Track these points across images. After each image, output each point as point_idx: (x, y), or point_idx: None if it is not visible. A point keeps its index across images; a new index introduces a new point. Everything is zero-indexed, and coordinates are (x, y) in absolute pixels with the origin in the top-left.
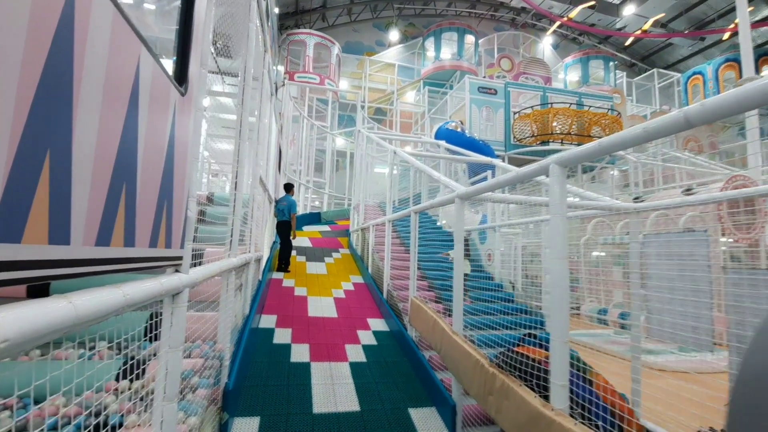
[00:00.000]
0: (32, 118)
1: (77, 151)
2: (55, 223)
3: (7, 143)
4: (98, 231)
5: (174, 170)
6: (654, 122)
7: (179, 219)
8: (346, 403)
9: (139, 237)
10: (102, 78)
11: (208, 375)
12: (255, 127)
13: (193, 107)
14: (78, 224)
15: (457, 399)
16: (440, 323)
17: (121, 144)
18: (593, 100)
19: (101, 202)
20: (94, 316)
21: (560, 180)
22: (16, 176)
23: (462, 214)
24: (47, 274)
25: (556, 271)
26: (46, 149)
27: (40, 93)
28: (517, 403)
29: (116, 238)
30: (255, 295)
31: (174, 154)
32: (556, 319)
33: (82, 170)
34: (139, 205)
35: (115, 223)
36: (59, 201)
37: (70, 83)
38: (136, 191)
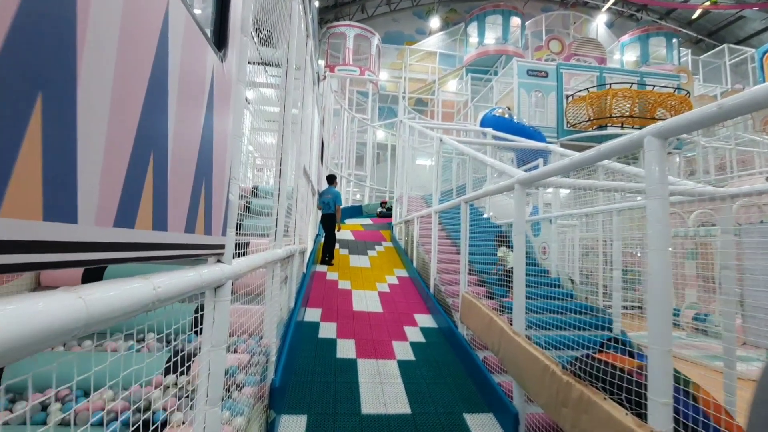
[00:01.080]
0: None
1: (84, 112)
2: (55, 196)
3: None
4: (117, 209)
5: (213, 148)
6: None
7: (220, 203)
8: (395, 404)
9: (172, 220)
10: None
11: (254, 372)
12: (298, 117)
13: (234, 78)
14: (87, 198)
15: (520, 406)
16: (497, 322)
17: (146, 109)
18: (657, 79)
19: (120, 174)
20: (110, 316)
21: (659, 155)
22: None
23: (523, 202)
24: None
25: (655, 265)
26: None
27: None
28: (602, 420)
29: (142, 220)
30: (299, 288)
31: (213, 129)
32: (656, 323)
33: (92, 134)
34: (171, 182)
35: (141, 201)
36: (57, 169)
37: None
38: (166, 164)
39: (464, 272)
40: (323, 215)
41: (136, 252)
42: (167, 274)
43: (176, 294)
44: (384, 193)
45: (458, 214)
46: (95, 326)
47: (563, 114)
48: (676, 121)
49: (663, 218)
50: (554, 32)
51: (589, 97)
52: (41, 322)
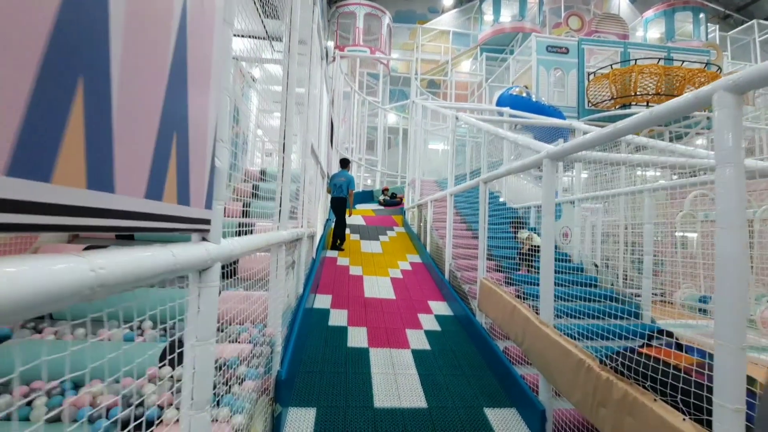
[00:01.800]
0: None
1: None
2: None
3: None
4: (13, 150)
5: (189, 100)
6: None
7: (201, 168)
8: (410, 397)
9: (122, 178)
10: None
11: (257, 363)
12: (305, 93)
13: (219, 15)
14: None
15: (547, 402)
16: (521, 310)
17: (54, 30)
18: (686, 54)
19: (21, 98)
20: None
21: (733, 114)
22: None
23: (553, 179)
24: None
25: (727, 247)
26: None
27: None
28: (652, 425)
29: (65, 173)
30: (309, 274)
31: (187, 79)
32: (727, 315)
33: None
34: (117, 126)
35: (62, 146)
36: None
37: None
38: (110, 103)
39: (483, 257)
40: (333, 198)
41: (55, 218)
42: (116, 251)
43: (130, 279)
44: (396, 178)
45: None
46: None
47: (584, 92)
48: (758, 71)
49: (738, 190)
50: (573, 8)
51: (612, 74)
52: None
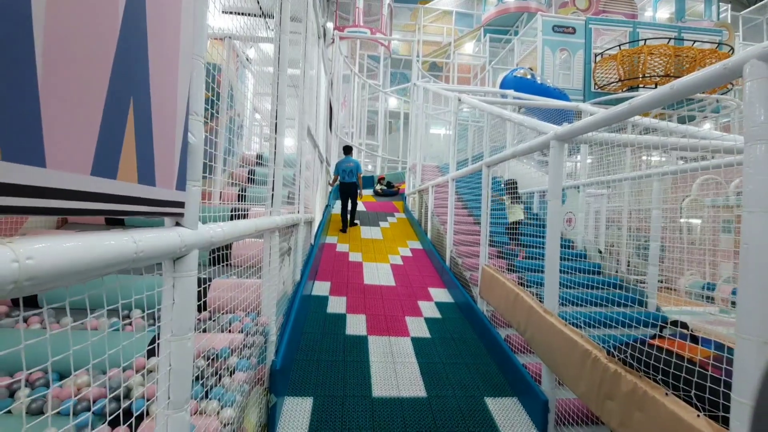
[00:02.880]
0: None
1: None
2: None
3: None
4: None
5: (149, 61)
6: None
7: (169, 143)
8: (409, 386)
9: (55, 150)
10: None
11: (249, 354)
12: (300, 73)
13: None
14: None
15: (550, 393)
16: (524, 298)
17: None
18: (697, 34)
19: None
20: None
21: (765, 85)
22: None
23: (561, 161)
24: None
25: (754, 232)
26: None
27: None
28: (663, 420)
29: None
30: (307, 260)
31: (146, 33)
32: (752, 308)
33: None
34: (45, 79)
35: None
36: None
37: None
38: (32, 46)
39: (485, 243)
40: (343, 184)
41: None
42: (55, 238)
43: (70, 271)
44: (397, 163)
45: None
46: None
47: (591, 75)
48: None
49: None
50: None
51: (620, 55)
52: None
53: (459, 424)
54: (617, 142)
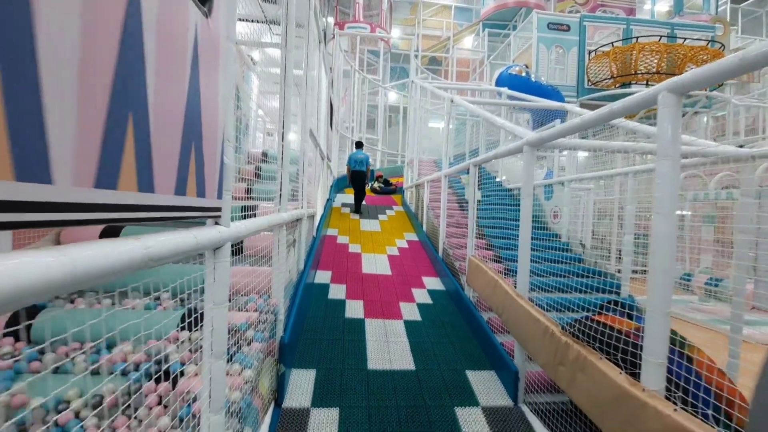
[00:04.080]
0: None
1: (46, 65)
2: (25, 155)
3: None
4: (96, 171)
5: (201, 109)
6: None
7: (213, 166)
8: (400, 360)
9: (159, 182)
10: None
11: (263, 328)
12: (302, 77)
13: (222, 35)
14: (62, 159)
15: (520, 365)
16: (502, 284)
17: (120, 66)
18: (690, 31)
19: (97, 135)
20: (97, 274)
21: (673, 113)
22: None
23: (532, 165)
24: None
25: (661, 230)
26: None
27: None
28: (596, 378)
29: (125, 181)
30: (309, 251)
31: (200, 90)
32: (657, 286)
33: (62, 90)
34: (154, 143)
35: (122, 163)
36: (24, 129)
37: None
38: (147, 125)
39: (471, 236)
40: (354, 172)
41: (120, 213)
42: (160, 234)
43: (169, 254)
44: (396, 157)
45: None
46: (81, 284)
47: (584, 71)
48: (693, 75)
49: (673, 180)
50: None
51: (612, 52)
52: (28, 277)
53: (442, 391)
54: (582, 147)
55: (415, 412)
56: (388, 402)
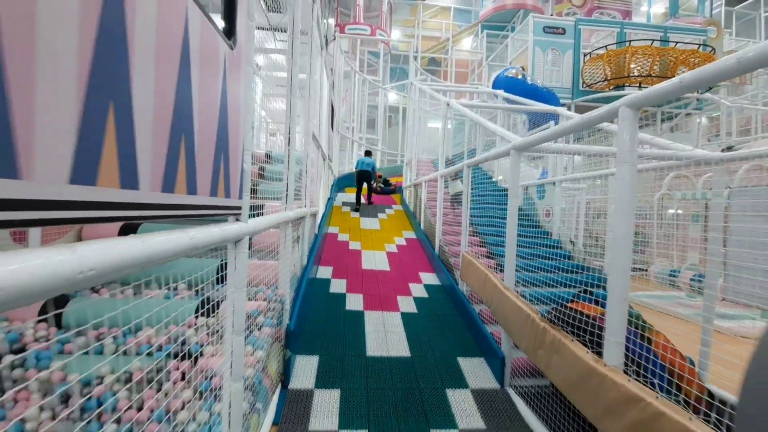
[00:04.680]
0: (94, 77)
1: (137, 105)
2: (125, 169)
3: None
4: (163, 178)
5: (228, 124)
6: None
7: (236, 171)
8: (397, 348)
9: (200, 186)
10: (153, 33)
11: (271, 316)
12: (306, 83)
13: (243, 61)
14: (144, 171)
15: (507, 351)
16: (491, 278)
17: (177, 97)
18: (682, 34)
19: (163, 151)
20: (164, 255)
21: (631, 125)
22: (86, 130)
23: (518, 168)
24: (119, 215)
25: (620, 227)
26: (108, 102)
27: (99, 50)
28: (568, 358)
29: (179, 186)
30: (312, 248)
31: (227, 108)
32: (616, 276)
33: (144, 122)
34: (198, 156)
35: (177, 172)
36: (126, 150)
37: (124, 39)
38: (194, 142)
39: (465, 233)
40: (360, 171)
41: (177, 211)
42: (200, 227)
43: (206, 243)
44: (396, 156)
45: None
46: (153, 262)
47: (579, 73)
48: (646, 93)
49: (631, 183)
50: None
51: (606, 55)
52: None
53: (434, 376)
54: (562, 151)
55: (409, 394)
56: (385, 385)
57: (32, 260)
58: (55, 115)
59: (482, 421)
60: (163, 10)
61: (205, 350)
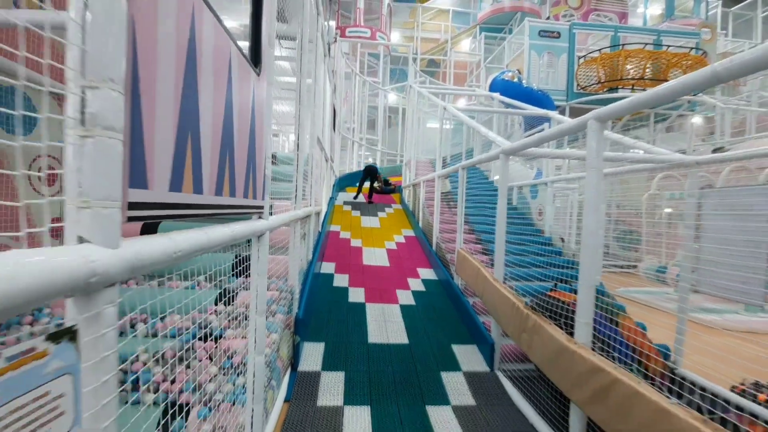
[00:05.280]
0: (181, 118)
1: (203, 134)
2: (196, 180)
3: (172, 134)
4: (215, 185)
5: (255, 137)
6: (688, 77)
7: (260, 176)
8: (396, 337)
9: (237, 190)
10: (211, 75)
11: (283, 304)
12: (311, 90)
13: (266, 83)
14: (206, 181)
15: (496, 338)
16: (483, 272)
17: (224, 120)
18: (675, 37)
19: (215, 165)
20: (221, 242)
21: (597, 135)
22: (177, 157)
23: (506, 170)
24: (190, 213)
25: (589, 223)
26: (188, 135)
27: (183, 99)
28: (546, 339)
29: (225, 190)
30: (316, 245)
31: (255, 123)
32: (586, 266)
33: (206, 146)
34: (236, 166)
35: (224, 180)
36: (197, 167)
37: (196, 87)
38: (234, 156)
39: (460, 231)
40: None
41: (223, 210)
42: (237, 223)
43: (241, 236)
44: (395, 156)
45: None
46: (208, 249)
47: (574, 76)
48: (611, 108)
49: (598, 186)
50: None
51: (600, 58)
52: (196, 242)
53: (430, 360)
54: (544, 155)
55: (407, 375)
56: (385, 368)
57: (152, 243)
58: (162, 149)
59: (473, 398)
60: (217, 55)
61: (227, 333)
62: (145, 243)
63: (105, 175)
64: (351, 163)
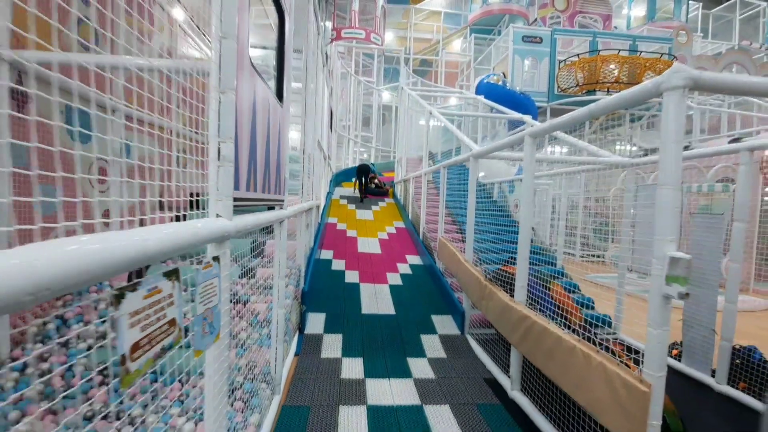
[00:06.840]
0: (252, 144)
1: (258, 152)
2: (254, 183)
3: (247, 154)
4: (263, 185)
5: (280, 150)
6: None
7: (282, 177)
8: (385, 309)
9: (271, 187)
10: (261, 111)
11: (294, 279)
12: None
13: (286, 112)
14: (258, 183)
15: (467, 309)
16: (457, 255)
17: (267, 141)
18: (650, 42)
19: (263, 172)
20: (267, 222)
21: (531, 149)
22: (250, 170)
23: (476, 171)
24: (244, 205)
25: (523, 217)
26: (255, 155)
27: (252, 133)
28: (496, 301)
29: (267, 188)
30: (316, 234)
31: (280, 140)
32: (522, 244)
33: (260, 160)
34: (271, 171)
35: (267, 181)
36: (254, 174)
37: (254, 122)
38: (270, 164)
39: (441, 221)
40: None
41: (264, 202)
42: (269, 212)
43: (276, 219)
44: (389, 153)
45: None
46: (259, 226)
47: (555, 79)
48: (543, 127)
49: (530, 185)
50: None
51: (579, 62)
52: (252, 223)
53: (412, 326)
54: (507, 158)
55: (393, 337)
56: (375, 332)
57: (247, 219)
58: (243, 169)
59: (444, 353)
60: (262, 103)
61: (251, 299)
62: (244, 218)
63: (226, 184)
64: (347, 159)
